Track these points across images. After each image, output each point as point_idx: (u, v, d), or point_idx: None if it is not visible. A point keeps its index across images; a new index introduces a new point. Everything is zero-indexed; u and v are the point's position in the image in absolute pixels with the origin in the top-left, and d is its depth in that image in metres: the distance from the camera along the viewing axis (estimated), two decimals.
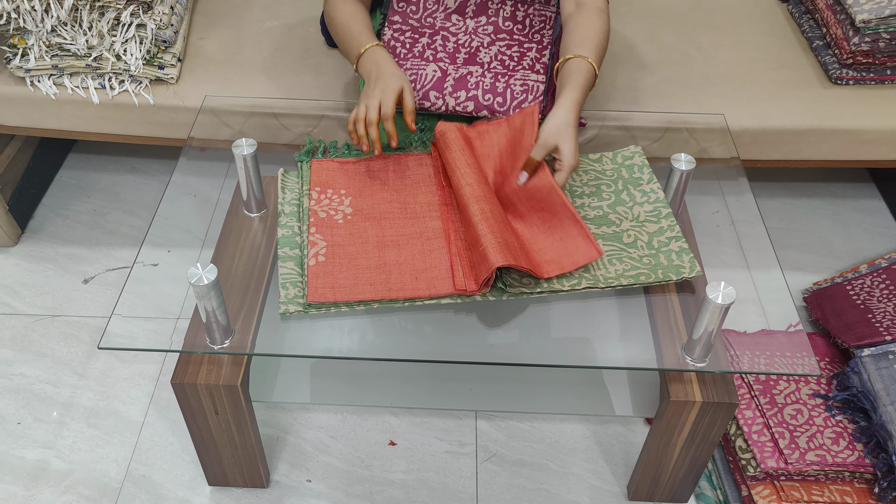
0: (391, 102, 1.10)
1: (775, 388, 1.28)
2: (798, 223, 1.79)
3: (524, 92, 1.22)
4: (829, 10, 1.54)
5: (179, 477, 1.28)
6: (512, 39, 1.27)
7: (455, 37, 1.27)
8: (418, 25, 1.28)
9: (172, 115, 1.45)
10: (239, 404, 1.07)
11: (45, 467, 1.29)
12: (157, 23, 1.40)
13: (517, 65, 1.24)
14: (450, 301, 1.02)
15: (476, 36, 1.27)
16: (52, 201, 1.77)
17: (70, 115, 1.46)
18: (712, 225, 1.37)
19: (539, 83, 1.22)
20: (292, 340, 1.05)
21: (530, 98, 1.22)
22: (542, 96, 1.23)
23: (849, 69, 1.49)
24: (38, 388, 1.40)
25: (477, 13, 1.28)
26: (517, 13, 1.28)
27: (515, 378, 1.22)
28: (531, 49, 1.26)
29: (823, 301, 1.48)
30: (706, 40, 1.62)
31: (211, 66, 1.50)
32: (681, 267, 1.07)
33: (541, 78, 1.23)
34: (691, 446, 1.12)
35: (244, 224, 1.19)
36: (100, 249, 1.66)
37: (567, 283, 1.04)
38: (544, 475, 1.30)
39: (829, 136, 1.45)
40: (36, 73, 1.41)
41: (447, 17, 1.28)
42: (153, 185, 1.82)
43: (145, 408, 1.38)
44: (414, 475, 1.30)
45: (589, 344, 1.06)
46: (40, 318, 1.52)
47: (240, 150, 1.14)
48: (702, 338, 0.99)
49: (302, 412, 1.38)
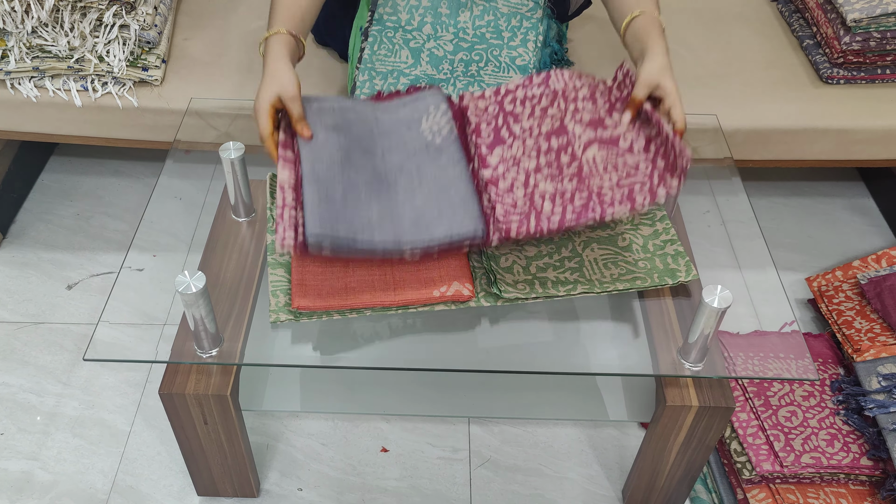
0: (264, 123, 0.99)
1: (769, 389, 1.27)
2: (788, 222, 1.79)
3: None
4: (820, 9, 1.53)
5: (168, 487, 1.26)
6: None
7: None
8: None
9: (157, 117, 1.42)
10: (228, 414, 1.05)
11: (30, 479, 1.26)
12: (140, 23, 1.37)
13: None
14: (444, 308, 1.01)
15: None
16: (35, 205, 1.74)
17: (52, 119, 1.43)
18: (703, 225, 1.36)
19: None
20: (283, 348, 1.03)
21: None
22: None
23: (840, 68, 1.49)
24: (22, 398, 1.37)
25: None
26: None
27: (509, 384, 1.20)
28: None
29: (884, 291, 1.36)
30: (696, 40, 1.62)
31: (196, 67, 1.47)
32: (677, 271, 1.06)
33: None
34: (687, 451, 1.11)
35: (232, 229, 1.17)
36: (84, 254, 1.63)
37: (563, 288, 1.02)
38: (538, 480, 1.29)
39: (820, 135, 1.45)
40: (16, 76, 1.38)
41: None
42: (137, 188, 1.79)
43: (132, 416, 1.35)
44: (407, 482, 1.28)
45: (584, 349, 1.05)
46: (23, 326, 1.49)
47: (227, 153, 1.11)
48: (698, 341, 0.98)
49: (292, 419, 1.36)
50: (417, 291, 0.99)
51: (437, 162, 1.02)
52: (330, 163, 0.97)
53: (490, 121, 1.09)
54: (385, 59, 1.26)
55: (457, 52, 1.26)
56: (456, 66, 1.25)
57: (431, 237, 0.94)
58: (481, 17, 1.27)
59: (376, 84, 1.25)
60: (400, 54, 1.27)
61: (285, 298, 1.01)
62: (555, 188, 0.99)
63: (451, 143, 1.05)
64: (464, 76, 1.25)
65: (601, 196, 0.96)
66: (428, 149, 1.04)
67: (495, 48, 1.26)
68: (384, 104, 1.11)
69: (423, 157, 1.03)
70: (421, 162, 1.03)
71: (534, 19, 1.28)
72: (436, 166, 1.02)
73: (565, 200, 0.97)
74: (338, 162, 0.98)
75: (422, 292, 0.99)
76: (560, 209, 0.96)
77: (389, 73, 1.25)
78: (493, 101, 1.12)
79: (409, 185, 1.00)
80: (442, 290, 0.99)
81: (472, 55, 1.26)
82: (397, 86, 1.24)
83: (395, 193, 0.98)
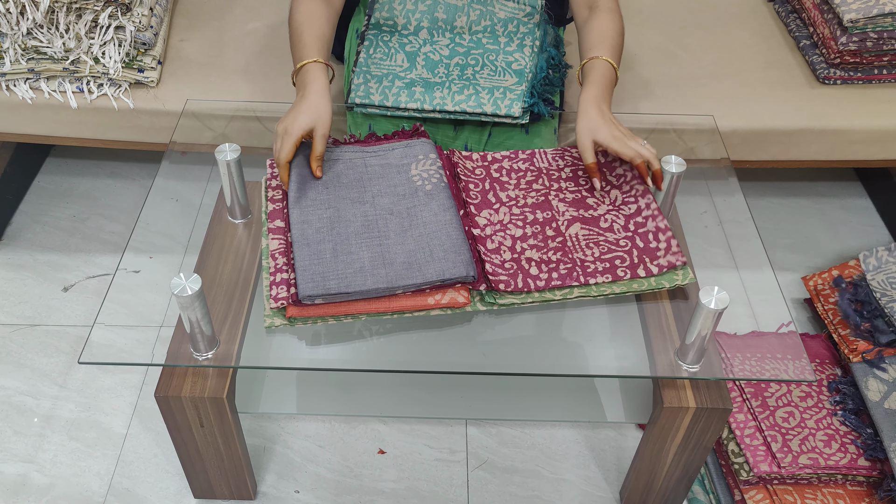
0: (289, 148, 1.06)
1: (767, 390, 1.27)
2: (785, 223, 1.79)
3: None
4: (817, 9, 1.53)
5: (164, 490, 1.26)
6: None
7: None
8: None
9: (153, 119, 1.41)
10: (225, 416, 1.04)
11: (26, 482, 1.26)
12: (136, 25, 1.37)
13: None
14: (440, 313, 1.00)
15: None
16: (30, 207, 1.73)
17: (47, 120, 1.42)
18: (700, 226, 1.36)
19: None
20: (279, 351, 1.02)
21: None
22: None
23: (836, 69, 1.49)
24: (18, 401, 1.37)
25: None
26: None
27: (506, 385, 1.20)
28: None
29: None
30: (693, 40, 1.62)
31: (192, 68, 1.47)
32: (674, 274, 1.06)
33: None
34: (685, 452, 1.11)
35: (228, 231, 1.17)
36: (79, 256, 1.63)
37: (559, 293, 1.02)
38: (536, 482, 1.29)
39: (817, 136, 1.45)
40: (11, 78, 1.37)
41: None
42: (133, 189, 1.79)
43: (128, 419, 1.35)
44: (404, 484, 1.28)
45: (581, 351, 1.05)
46: (19, 328, 1.49)
47: (223, 155, 1.11)
48: (695, 343, 0.97)
49: (289, 421, 1.35)
50: (412, 299, 0.99)
51: (429, 207, 1.07)
52: (318, 226, 1.04)
53: (478, 183, 1.16)
54: (381, 63, 1.26)
55: (453, 57, 1.26)
56: (451, 69, 1.25)
57: (424, 278, 0.98)
58: (478, 21, 1.27)
59: (371, 87, 1.24)
60: (395, 58, 1.26)
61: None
62: (540, 256, 1.06)
63: (442, 191, 1.10)
64: (459, 80, 1.25)
65: (584, 267, 1.04)
66: (417, 193, 1.09)
67: (491, 53, 1.26)
68: (373, 148, 1.17)
69: (413, 201, 1.08)
70: (412, 205, 1.08)
71: (531, 24, 1.28)
72: (427, 211, 1.07)
73: (550, 268, 1.04)
74: (326, 222, 1.05)
75: (417, 300, 0.98)
76: (546, 274, 1.03)
77: (385, 76, 1.25)
78: (481, 165, 1.19)
79: (401, 226, 1.05)
80: (437, 298, 0.99)
81: (468, 59, 1.26)
82: (392, 89, 1.24)
83: (387, 237, 1.03)
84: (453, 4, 1.27)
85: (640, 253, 1.06)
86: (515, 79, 1.25)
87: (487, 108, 1.23)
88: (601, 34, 1.19)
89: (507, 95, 1.23)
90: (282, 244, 1.05)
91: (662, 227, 1.08)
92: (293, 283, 0.99)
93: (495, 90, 1.24)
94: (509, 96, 1.23)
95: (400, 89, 1.24)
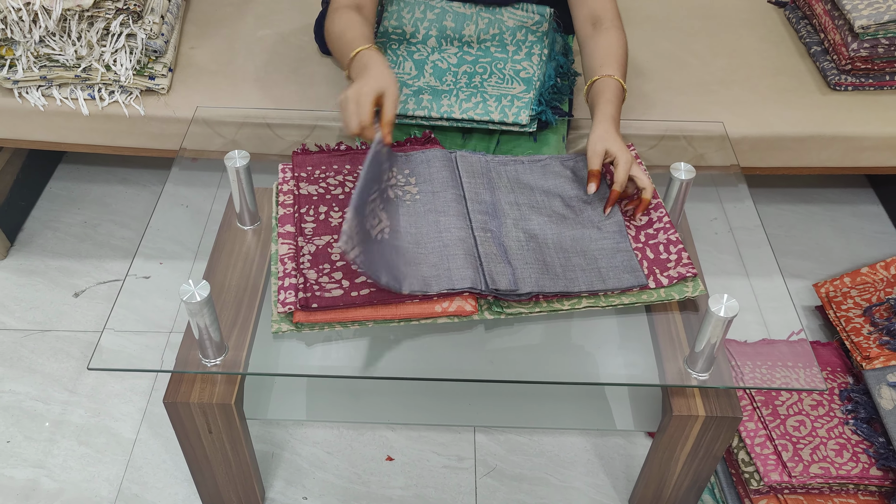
0: (367, 110, 1.02)
1: (777, 398, 1.26)
2: (796, 230, 1.78)
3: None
4: (827, 15, 1.53)
5: (173, 496, 1.26)
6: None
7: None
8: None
9: (163, 125, 1.42)
10: (233, 423, 1.04)
11: (36, 487, 1.26)
12: (147, 32, 1.38)
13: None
14: (447, 321, 1.00)
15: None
16: (42, 213, 1.75)
17: (59, 127, 1.44)
18: (710, 232, 1.35)
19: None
20: (287, 357, 1.03)
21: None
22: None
23: (847, 75, 1.48)
24: (28, 406, 1.38)
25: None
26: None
27: (514, 392, 1.20)
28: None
29: None
30: (703, 47, 1.61)
31: (203, 75, 1.48)
32: (684, 285, 1.05)
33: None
34: (694, 461, 1.10)
35: (237, 237, 1.17)
36: (90, 262, 1.64)
37: (567, 302, 1.02)
38: (544, 490, 1.28)
39: (828, 142, 1.44)
40: (24, 85, 1.39)
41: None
42: (144, 195, 1.80)
43: (138, 424, 1.35)
44: (412, 491, 1.28)
45: (590, 359, 1.04)
46: (30, 334, 1.50)
47: (232, 162, 1.11)
48: (704, 350, 0.97)
49: (297, 427, 1.36)
50: (419, 306, 0.98)
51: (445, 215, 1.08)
52: (372, 204, 1.02)
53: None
54: None
55: (461, 65, 1.26)
56: (459, 77, 1.25)
57: (430, 289, 0.99)
58: (486, 30, 1.27)
59: None
60: (404, 66, 1.27)
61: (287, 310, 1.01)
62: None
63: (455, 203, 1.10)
64: (467, 87, 1.25)
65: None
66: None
67: (500, 61, 1.26)
68: (403, 156, 1.17)
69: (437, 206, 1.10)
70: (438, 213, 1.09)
71: (539, 33, 1.28)
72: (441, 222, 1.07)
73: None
74: (378, 203, 1.04)
75: (424, 307, 0.98)
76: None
77: None
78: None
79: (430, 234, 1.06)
80: (444, 306, 0.99)
81: (476, 67, 1.26)
82: (399, 97, 1.24)
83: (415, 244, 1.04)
84: (462, 13, 1.27)
85: (651, 264, 1.06)
86: (523, 87, 1.25)
87: (495, 115, 1.23)
88: (609, 52, 1.20)
89: (514, 103, 1.23)
90: (291, 248, 1.05)
91: (674, 240, 1.08)
92: (301, 288, 0.99)
93: (503, 98, 1.24)
94: (517, 104, 1.23)
95: (408, 97, 1.24)
